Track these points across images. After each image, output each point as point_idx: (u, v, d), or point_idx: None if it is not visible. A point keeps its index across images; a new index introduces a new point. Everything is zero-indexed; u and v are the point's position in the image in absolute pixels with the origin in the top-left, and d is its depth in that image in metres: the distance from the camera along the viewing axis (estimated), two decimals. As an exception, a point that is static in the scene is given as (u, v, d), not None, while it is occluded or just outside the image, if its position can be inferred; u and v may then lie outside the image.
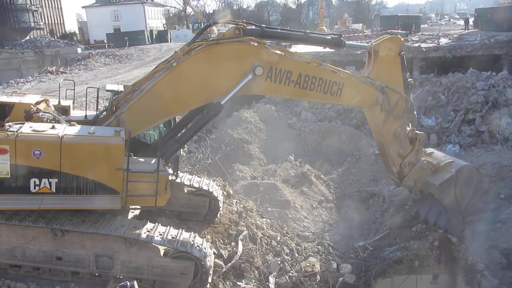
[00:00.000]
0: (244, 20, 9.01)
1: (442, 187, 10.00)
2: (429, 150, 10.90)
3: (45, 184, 7.23)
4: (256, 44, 8.53)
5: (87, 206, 7.49)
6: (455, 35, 39.39)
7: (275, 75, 8.65)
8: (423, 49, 31.43)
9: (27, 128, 7.35)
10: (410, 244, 10.53)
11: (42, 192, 7.24)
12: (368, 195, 16.43)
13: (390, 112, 9.63)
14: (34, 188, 7.20)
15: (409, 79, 9.85)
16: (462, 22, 64.45)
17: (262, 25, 9.23)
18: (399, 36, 10.43)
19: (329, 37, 9.82)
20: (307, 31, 9.90)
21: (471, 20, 50.36)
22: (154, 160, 8.08)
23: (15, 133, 7.07)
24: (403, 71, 9.72)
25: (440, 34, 39.92)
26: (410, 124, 10.28)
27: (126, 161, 7.42)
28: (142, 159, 8.44)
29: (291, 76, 8.75)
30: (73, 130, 7.58)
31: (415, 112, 10.09)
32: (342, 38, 9.73)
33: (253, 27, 8.94)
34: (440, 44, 33.33)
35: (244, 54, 8.47)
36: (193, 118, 9.33)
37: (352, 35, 44.35)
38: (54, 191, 7.28)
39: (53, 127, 7.48)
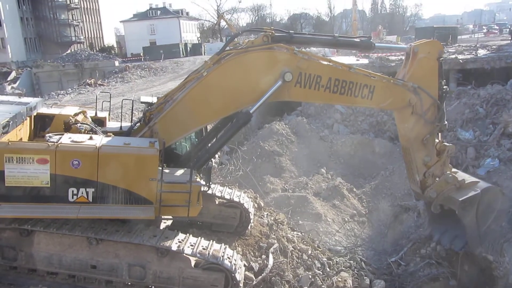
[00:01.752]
0: (272, 27, 9.01)
1: (464, 204, 9.50)
2: (453, 170, 10.49)
3: (82, 193, 7.41)
4: (285, 50, 8.48)
5: (122, 215, 7.65)
6: (494, 46, 38.21)
7: (304, 81, 8.53)
8: (460, 60, 30.65)
9: (66, 139, 7.58)
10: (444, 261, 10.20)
11: (80, 202, 7.42)
12: (402, 210, 16.01)
13: (422, 116, 9.27)
14: (72, 198, 7.40)
15: (445, 87, 9.54)
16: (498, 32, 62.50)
17: (290, 31, 9.21)
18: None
19: (358, 40, 9.65)
20: (335, 34, 9.78)
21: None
22: (186, 170, 8.18)
23: (55, 143, 7.32)
24: (439, 77, 9.39)
25: (478, 45, 38.85)
26: (439, 135, 9.97)
27: (160, 171, 7.54)
28: (167, 170, 8.50)
29: (321, 81, 8.60)
30: (110, 141, 7.77)
31: (446, 122, 9.73)
32: (371, 40, 9.51)
33: (281, 33, 8.90)
34: (478, 55, 32.43)
35: (273, 60, 8.43)
36: (223, 128, 9.38)
37: (386, 47, 43.70)
38: (91, 200, 7.45)
39: (90, 138, 7.70)
